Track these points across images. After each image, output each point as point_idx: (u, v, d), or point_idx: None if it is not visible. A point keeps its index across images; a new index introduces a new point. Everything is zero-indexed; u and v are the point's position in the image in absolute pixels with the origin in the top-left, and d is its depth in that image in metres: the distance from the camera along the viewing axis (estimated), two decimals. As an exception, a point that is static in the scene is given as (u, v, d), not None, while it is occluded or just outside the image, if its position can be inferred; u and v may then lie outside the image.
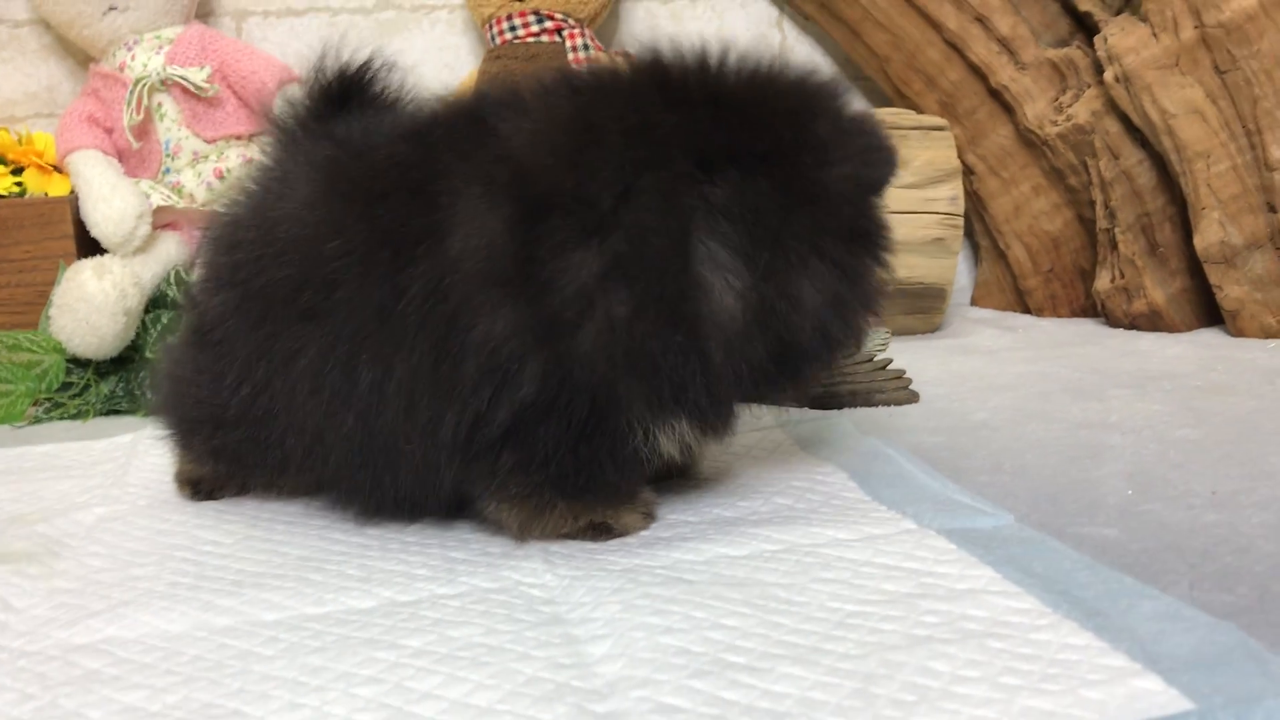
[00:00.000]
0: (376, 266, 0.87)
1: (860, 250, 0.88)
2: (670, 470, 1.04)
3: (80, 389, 1.58)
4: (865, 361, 1.42)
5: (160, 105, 1.78)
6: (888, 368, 1.42)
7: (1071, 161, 2.00)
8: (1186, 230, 1.87)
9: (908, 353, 1.71)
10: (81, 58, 1.97)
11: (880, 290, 0.90)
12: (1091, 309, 2.06)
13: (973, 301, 2.27)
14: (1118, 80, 1.87)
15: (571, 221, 0.82)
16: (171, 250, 1.67)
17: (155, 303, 1.63)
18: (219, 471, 1.07)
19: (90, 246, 1.66)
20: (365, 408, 0.89)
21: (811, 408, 1.39)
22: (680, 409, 0.86)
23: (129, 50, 1.79)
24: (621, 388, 0.83)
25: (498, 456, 0.87)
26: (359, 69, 1.02)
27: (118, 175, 1.69)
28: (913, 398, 1.43)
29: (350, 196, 0.91)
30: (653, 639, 0.70)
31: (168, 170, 1.80)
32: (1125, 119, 1.91)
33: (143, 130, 1.77)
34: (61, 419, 1.56)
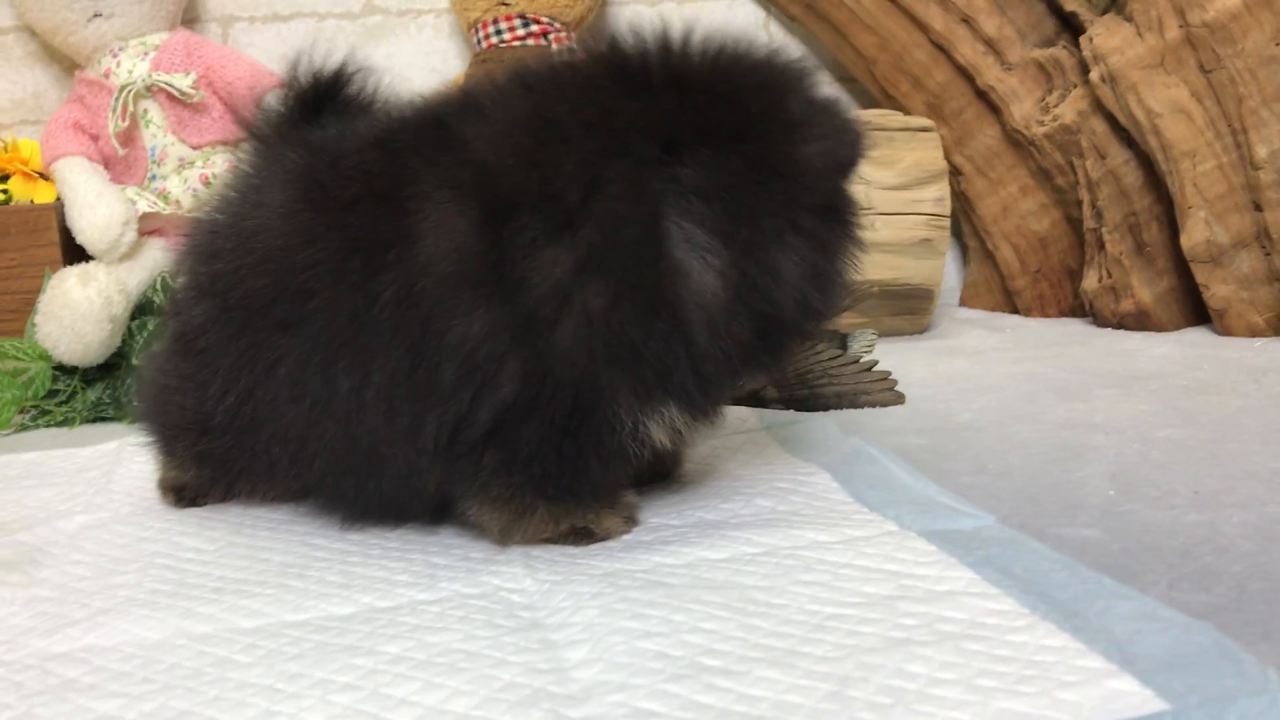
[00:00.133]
0: (349, 274, 0.87)
1: (834, 225, 0.88)
2: (654, 473, 1.04)
3: (67, 396, 1.58)
4: (851, 363, 1.42)
5: (146, 112, 1.78)
6: (874, 369, 1.42)
7: (1058, 161, 2.00)
8: (1173, 229, 1.87)
9: (895, 354, 1.71)
10: (67, 64, 1.97)
11: (854, 265, 0.91)
12: (1080, 309, 2.06)
13: (962, 302, 2.27)
14: (1103, 80, 1.87)
15: (539, 219, 0.82)
16: (158, 257, 1.67)
17: (141, 309, 1.63)
18: (203, 478, 1.06)
19: (76, 253, 1.66)
20: (345, 414, 0.89)
21: (797, 410, 1.39)
22: (668, 395, 0.86)
23: (114, 57, 1.79)
24: (604, 380, 0.83)
25: (481, 456, 0.87)
26: (333, 74, 1.02)
27: (103, 182, 1.69)
28: (898, 399, 1.43)
29: (322, 205, 0.91)
30: (630, 643, 0.70)
31: (153, 177, 1.80)
32: (1111, 119, 1.91)
33: (128, 137, 1.77)
34: (48, 426, 1.55)
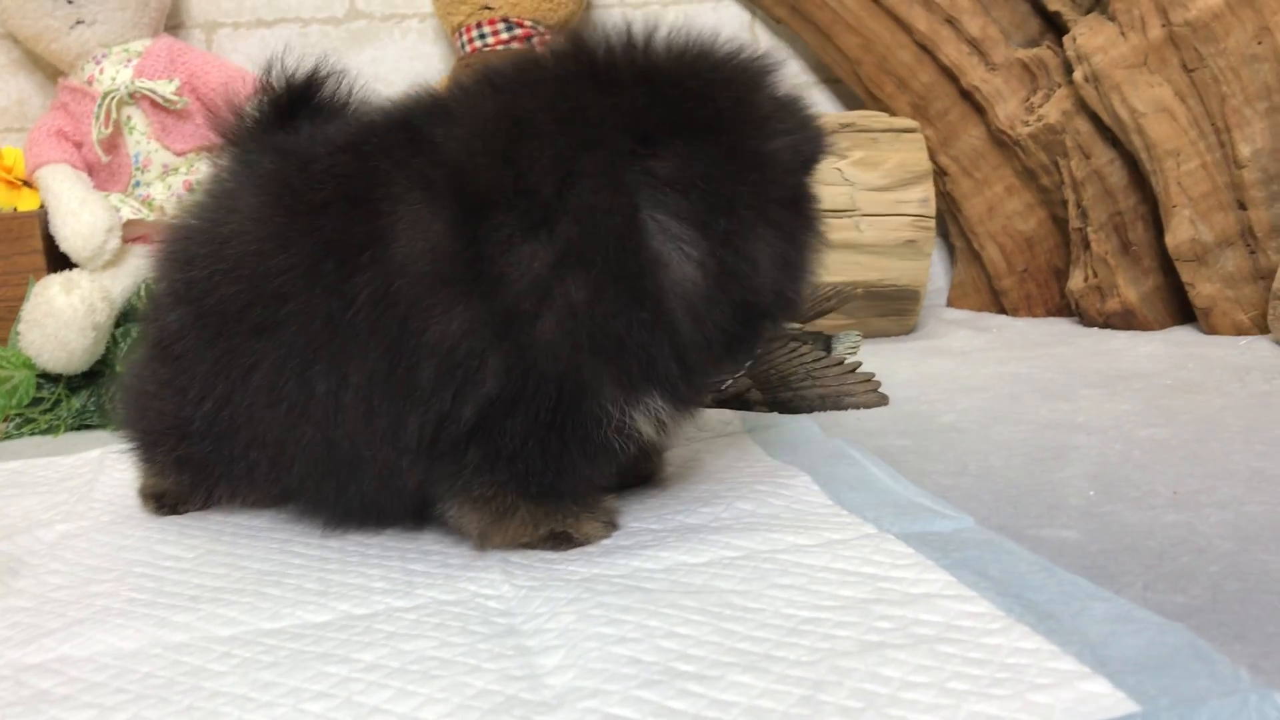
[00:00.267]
0: (322, 278, 0.87)
1: (801, 217, 0.90)
2: (637, 475, 1.04)
3: (51, 404, 1.57)
4: (835, 365, 1.42)
5: (129, 118, 1.77)
6: (857, 370, 1.42)
7: (1043, 161, 2.01)
8: (1158, 229, 1.87)
9: (880, 355, 1.71)
10: (51, 72, 1.96)
11: (818, 257, 0.93)
12: (1066, 308, 2.06)
13: (949, 302, 2.27)
14: (1087, 80, 1.87)
15: (515, 215, 0.82)
16: (141, 264, 1.66)
17: (125, 317, 1.63)
18: (183, 483, 1.06)
19: (60, 261, 1.65)
20: (323, 418, 0.89)
21: (780, 412, 1.39)
22: (652, 385, 0.86)
23: (97, 64, 1.79)
24: (588, 371, 0.84)
25: (464, 453, 0.87)
26: (306, 78, 1.02)
27: (87, 189, 1.69)
28: (882, 400, 1.43)
29: (293, 209, 0.91)
30: (605, 649, 0.70)
31: (138, 183, 1.79)
32: (1096, 118, 1.91)
33: (112, 144, 1.76)
34: (32, 434, 1.55)
